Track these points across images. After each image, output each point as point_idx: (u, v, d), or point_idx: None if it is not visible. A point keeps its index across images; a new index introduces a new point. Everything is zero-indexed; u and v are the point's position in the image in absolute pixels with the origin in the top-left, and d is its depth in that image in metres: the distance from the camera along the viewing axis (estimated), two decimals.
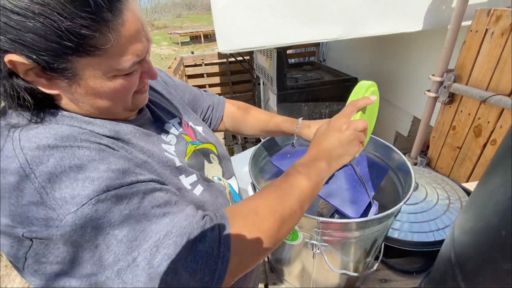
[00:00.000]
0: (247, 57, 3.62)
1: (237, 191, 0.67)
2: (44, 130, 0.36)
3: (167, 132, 0.56)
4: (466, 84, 1.40)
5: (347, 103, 0.56)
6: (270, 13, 1.39)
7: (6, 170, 0.33)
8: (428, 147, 1.79)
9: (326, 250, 0.61)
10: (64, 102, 0.41)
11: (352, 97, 0.57)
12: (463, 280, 0.51)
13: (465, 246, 0.53)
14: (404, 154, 1.76)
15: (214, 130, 0.79)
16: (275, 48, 1.78)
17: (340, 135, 0.52)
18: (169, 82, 0.69)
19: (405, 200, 0.57)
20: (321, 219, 0.54)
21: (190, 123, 0.65)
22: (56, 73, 0.36)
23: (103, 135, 0.41)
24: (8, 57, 0.33)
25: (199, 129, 0.67)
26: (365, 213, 0.54)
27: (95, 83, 0.39)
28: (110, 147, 0.39)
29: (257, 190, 0.69)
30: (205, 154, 0.62)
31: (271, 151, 0.86)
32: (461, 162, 1.52)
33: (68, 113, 0.41)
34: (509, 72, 1.20)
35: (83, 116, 0.42)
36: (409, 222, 0.91)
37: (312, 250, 0.61)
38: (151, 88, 0.61)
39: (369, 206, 0.54)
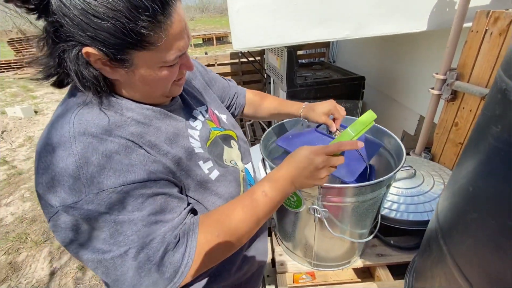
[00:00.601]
0: (258, 58, 3.73)
1: (252, 176, 0.76)
2: (92, 117, 0.48)
3: (195, 118, 0.66)
4: (468, 82, 1.47)
5: (348, 129, 0.59)
6: (283, 14, 1.49)
7: (60, 146, 0.44)
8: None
9: (326, 216, 0.71)
10: (119, 86, 0.53)
11: (357, 126, 0.59)
12: (442, 237, 0.60)
13: (445, 209, 0.62)
14: (410, 151, 1.83)
15: (237, 115, 0.90)
16: (285, 47, 1.88)
17: (314, 172, 0.56)
18: (203, 72, 0.80)
19: (395, 170, 0.66)
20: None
21: (216, 111, 0.75)
22: (118, 63, 0.47)
23: (138, 121, 0.52)
24: (86, 49, 0.44)
25: (223, 117, 0.76)
26: (363, 178, 0.63)
27: (146, 72, 0.50)
28: (135, 143, 0.49)
29: (267, 165, 0.79)
30: (226, 139, 0.72)
31: (279, 135, 0.96)
32: None
33: (117, 99, 0.52)
34: None
35: (129, 100, 0.54)
36: (406, 204, 0.99)
37: (314, 214, 0.70)
38: (186, 78, 0.71)
39: (365, 170, 0.64)
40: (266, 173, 0.82)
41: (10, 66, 9.13)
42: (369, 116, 0.61)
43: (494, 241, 0.44)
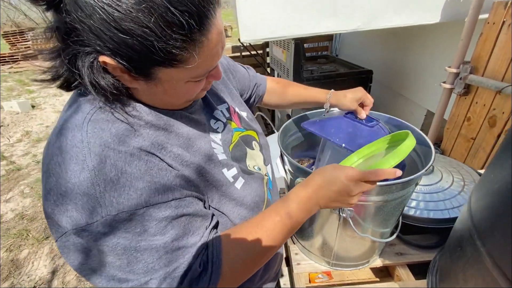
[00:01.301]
0: (260, 51, 3.67)
1: (271, 178, 0.71)
2: (108, 125, 0.42)
3: (216, 119, 0.61)
4: (482, 76, 1.43)
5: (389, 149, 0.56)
6: (291, 5, 1.44)
7: (72, 158, 0.38)
8: (441, 140, 1.82)
9: (351, 215, 0.67)
10: (138, 93, 0.47)
11: (398, 155, 0.52)
12: (479, 238, 0.56)
13: (481, 208, 0.58)
14: None
15: (255, 105, 0.85)
16: (292, 39, 1.83)
17: (345, 197, 0.51)
18: (223, 63, 0.73)
19: (426, 168, 0.62)
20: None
21: (237, 109, 0.69)
22: (139, 75, 0.41)
23: (158, 127, 0.47)
24: (102, 58, 0.38)
25: (244, 115, 0.71)
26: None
27: (170, 86, 0.44)
28: (156, 156, 0.44)
29: (286, 161, 0.75)
30: (247, 141, 0.66)
31: (299, 129, 0.92)
32: (475, 152, 1.56)
33: (134, 104, 0.46)
34: None
35: (146, 106, 0.48)
36: (425, 201, 0.96)
37: (339, 213, 0.67)
38: None
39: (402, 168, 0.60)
40: (285, 170, 0.78)
41: (5, 59, 8.96)
42: (409, 144, 0.55)
43: None
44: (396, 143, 0.64)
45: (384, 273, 0.95)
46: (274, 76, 2.83)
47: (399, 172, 0.51)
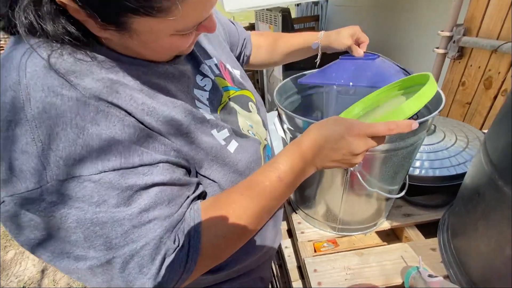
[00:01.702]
0: None
1: (269, 144, 0.65)
2: (58, 61, 0.33)
3: (203, 75, 0.52)
4: (476, 36, 1.40)
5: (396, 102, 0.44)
6: None
7: (5, 106, 0.30)
8: None
9: (359, 169, 0.62)
10: (111, 44, 0.38)
11: (415, 103, 0.41)
12: (501, 178, 0.52)
13: (502, 146, 0.53)
14: None
15: (243, 66, 0.77)
16: (280, 11, 1.75)
17: (348, 156, 0.42)
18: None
19: (439, 109, 0.57)
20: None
21: (228, 66, 0.60)
22: (108, 23, 0.33)
23: (129, 74, 0.38)
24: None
25: (237, 73, 0.62)
26: None
27: (149, 38, 0.36)
28: (123, 109, 0.35)
29: (285, 119, 0.68)
30: (243, 102, 0.58)
31: (296, 89, 0.85)
32: (471, 117, 1.54)
33: (102, 57, 0.37)
34: None
35: (121, 55, 0.39)
36: (430, 160, 0.92)
37: (345, 168, 0.61)
38: None
39: None
40: (284, 130, 0.72)
41: None
42: (431, 88, 0.42)
43: None
44: (412, 89, 0.53)
45: (391, 237, 0.91)
46: None
47: (415, 125, 0.42)
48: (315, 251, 0.86)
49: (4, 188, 0.31)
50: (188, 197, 0.41)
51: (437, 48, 1.58)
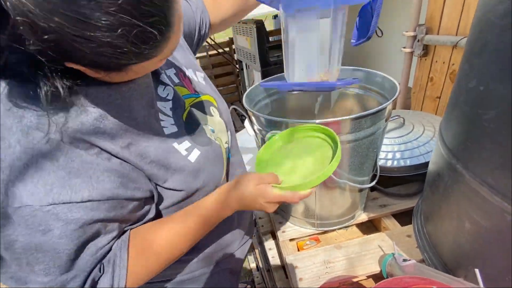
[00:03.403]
0: (226, 49, 3.65)
1: (230, 146, 0.66)
2: (22, 92, 0.35)
3: (164, 84, 0.53)
4: (438, 34, 1.48)
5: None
6: None
7: None
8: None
9: None
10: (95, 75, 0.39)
11: (316, 180, 0.46)
12: (455, 157, 0.55)
13: (452, 131, 0.57)
14: None
15: (206, 36, 0.73)
16: (254, 23, 1.82)
17: (261, 209, 0.50)
18: None
19: (392, 98, 0.61)
20: (318, 121, 0.57)
21: (188, 72, 0.61)
22: (110, 71, 0.36)
23: (95, 102, 0.40)
24: (69, 65, 0.33)
25: (200, 76, 0.63)
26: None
27: (140, 71, 0.39)
28: (85, 141, 0.38)
29: (254, 121, 0.71)
30: (204, 106, 0.60)
31: (266, 93, 0.88)
32: (442, 110, 1.60)
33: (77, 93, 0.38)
34: (473, 15, 1.29)
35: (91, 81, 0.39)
36: (401, 151, 0.95)
37: None
38: None
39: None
40: (254, 130, 0.74)
41: None
42: (332, 167, 0.47)
43: None
44: (321, 137, 0.56)
45: (372, 229, 0.93)
46: (243, 68, 2.80)
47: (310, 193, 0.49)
48: (298, 250, 0.87)
49: None
50: (123, 229, 0.45)
51: (404, 47, 1.66)
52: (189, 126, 0.54)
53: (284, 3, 0.57)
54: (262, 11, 1.47)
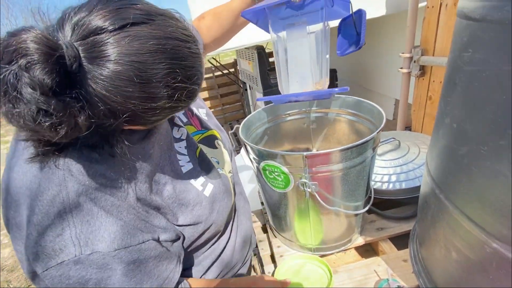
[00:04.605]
0: (232, 70, 3.77)
1: (233, 172, 0.70)
2: (82, 163, 0.42)
3: (178, 126, 0.59)
4: (433, 55, 1.52)
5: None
6: None
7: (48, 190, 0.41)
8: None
9: (317, 190, 0.67)
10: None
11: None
12: (439, 189, 0.58)
13: (435, 164, 0.60)
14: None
15: (204, 53, 0.76)
16: (255, 49, 1.90)
17: None
18: None
19: (378, 130, 0.64)
20: (306, 153, 0.60)
21: (194, 109, 0.67)
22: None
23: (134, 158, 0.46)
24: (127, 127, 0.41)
25: (202, 112, 0.69)
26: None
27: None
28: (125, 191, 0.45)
29: (250, 150, 0.75)
30: (210, 141, 0.66)
31: (260, 121, 0.93)
32: None
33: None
34: None
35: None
36: (396, 174, 0.97)
37: (304, 189, 0.66)
38: None
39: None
40: (250, 159, 0.78)
41: None
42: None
43: (489, 168, 0.42)
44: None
45: (370, 252, 0.94)
46: (247, 89, 2.88)
47: None
48: None
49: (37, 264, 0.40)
50: (171, 271, 0.50)
51: (401, 68, 1.70)
52: (202, 162, 0.59)
53: (272, 20, 0.60)
54: (264, 38, 1.56)
